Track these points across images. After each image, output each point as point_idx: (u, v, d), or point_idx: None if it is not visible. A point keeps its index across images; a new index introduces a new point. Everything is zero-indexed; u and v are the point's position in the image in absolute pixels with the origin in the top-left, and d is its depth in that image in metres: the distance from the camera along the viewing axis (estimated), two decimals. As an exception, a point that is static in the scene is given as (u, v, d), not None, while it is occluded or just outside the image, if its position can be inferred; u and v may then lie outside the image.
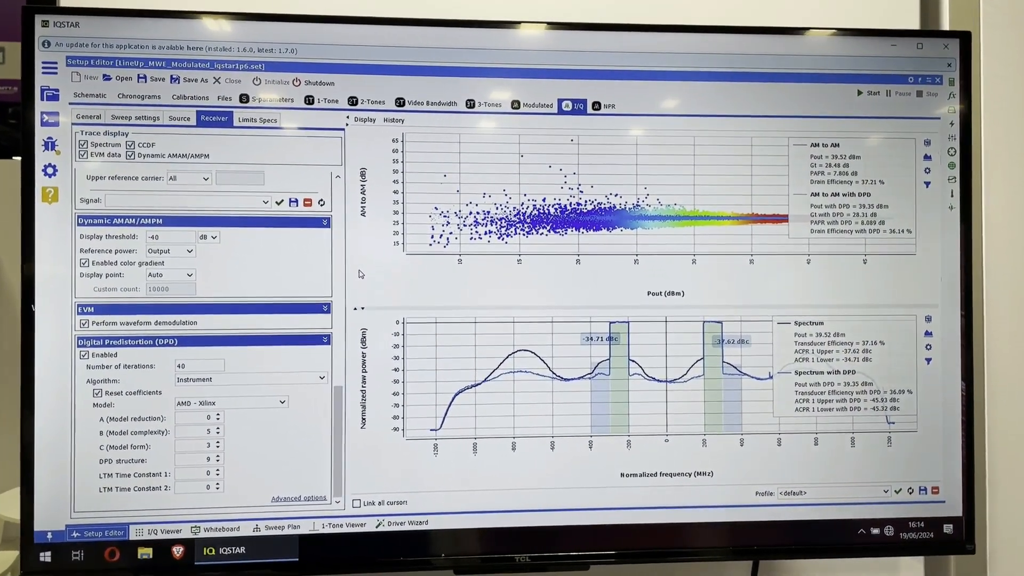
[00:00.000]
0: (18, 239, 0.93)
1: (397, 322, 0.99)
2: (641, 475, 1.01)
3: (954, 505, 1.04)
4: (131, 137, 0.96)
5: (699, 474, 1.02)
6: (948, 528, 1.03)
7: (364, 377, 0.98)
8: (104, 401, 0.95)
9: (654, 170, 1.01)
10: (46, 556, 0.94)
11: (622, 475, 1.01)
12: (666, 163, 1.01)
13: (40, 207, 0.94)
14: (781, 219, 1.03)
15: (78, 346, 0.95)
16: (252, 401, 0.97)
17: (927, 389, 1.04)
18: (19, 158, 0.95)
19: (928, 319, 1.04)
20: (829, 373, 1.03)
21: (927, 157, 1.04)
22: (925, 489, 1.04)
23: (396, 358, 0.99)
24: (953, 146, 1.04)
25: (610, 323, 1.01)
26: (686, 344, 1.02)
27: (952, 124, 1.05)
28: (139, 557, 0.95)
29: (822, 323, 1.03)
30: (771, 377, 1.03)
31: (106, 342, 0.95)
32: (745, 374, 1.02)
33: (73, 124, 0.95)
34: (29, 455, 0.93)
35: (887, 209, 1.04)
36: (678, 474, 1.02)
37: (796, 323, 1.03)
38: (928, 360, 1.04)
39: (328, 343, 0.98)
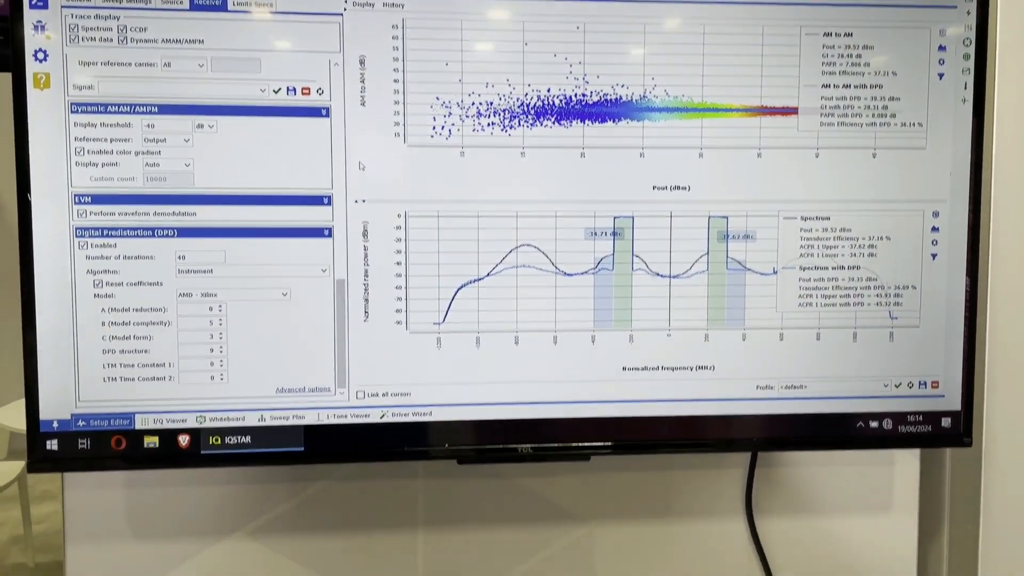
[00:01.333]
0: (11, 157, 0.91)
1: (399, 215, 0.98)
2: (643, 369, 1.02)
3: (953, 400, 1.05)
4: (123, 21, 0.93)
5: (700, 368, 1.02)
6: (946, 422, 1.04)
7: (366, 271, 0.98)
8: (105, 292, 0.94)
9: (662, 59, 0.98)
10: (52, 444, 0.95)
11: (624, 369, 1.02)
12: (674, 52, 0.98)
13: (32, 93, 0.92)
14: (791, 111, 1.00)
15: (76, 236, 0.93)
16: (254, 293, 0.96)
17: (931, 285, 1.03)
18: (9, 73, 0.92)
19: (935, 214, 1.03)
20: (834, 268, 1.02)
21: (941, 48, 1.01)
22: (925, 384, 1.04)
23: (398, 252, 0.98)
24: (969, 36, 1.01)
25: (614, 218, 1.00)
26: (691, 239, 1.01)
27: (969, 14, 1.01)
28: (145, 446, 0.96)
29: (828, 218, 1.02)
30: (775, 272, 1.02)
31: (105, 232, 0.94)
32: (749, 269, 1.02)
33: (63, 7, 0.92)
34: (32, 344, 0.93)
35: (898, 102, 1.01)
36: (679, 368, 1.02)
37: (802, 218, 1.02)
38: (934, 256, 1.03)
39: (329, 236, 0.97)
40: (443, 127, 0.97)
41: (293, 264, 0.97)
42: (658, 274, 1.01)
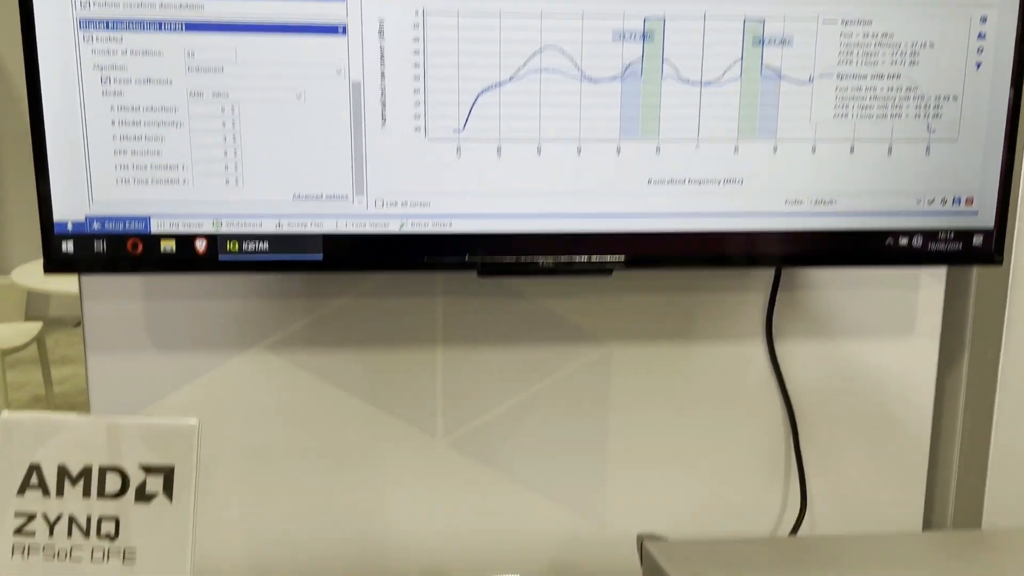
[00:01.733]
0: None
1: (416, 13, 0.92)
2: (669, 182, 0.99)
3: (986, 217, 1.02)
4: None
5: (728, 181, 0.99)
6: (978, 240, 1.02)
7: (383, 72, 0.93)
8: (113, 89, 0.91)
9: None
10: (68, 246, 0.93)
11: (649, 181, 0.99)
12: None
13: None
14: (837, -98, 0.93)
15: (80, 28, 0.89)
16: (267, 94, 0.92)
17: (973, 96, 0.99)
18: None
19: (983, 20, 0.97)
20: (873, 77, 0.98)
21: None
22: (959, 200, 1.01)
23: (416, 52, 0.93)
24: None
25: (644, 19, 0.95)
26: (724, 43, 0.96)
27: None
28: (162, 250, 0.94)
29: (871, 22, 0.96)
30: (811, 81, 0.97)
31: (110, 25, 0.89)
32: (784, 77, 0.97)
33: None
34: (40, 143, 0.90)
35: None
36: (707, 181, 0.99)
37: (843, 22, 0.96)
38: (978, 65, 0.98)
39: (344, 34, 0.92)
40: (464, -85, 0.91)
41: (306, 64, 0.92)
42: (688, 81, 0.97)
